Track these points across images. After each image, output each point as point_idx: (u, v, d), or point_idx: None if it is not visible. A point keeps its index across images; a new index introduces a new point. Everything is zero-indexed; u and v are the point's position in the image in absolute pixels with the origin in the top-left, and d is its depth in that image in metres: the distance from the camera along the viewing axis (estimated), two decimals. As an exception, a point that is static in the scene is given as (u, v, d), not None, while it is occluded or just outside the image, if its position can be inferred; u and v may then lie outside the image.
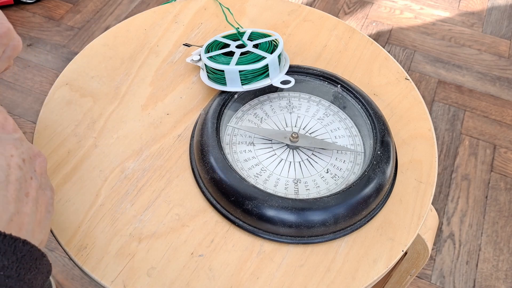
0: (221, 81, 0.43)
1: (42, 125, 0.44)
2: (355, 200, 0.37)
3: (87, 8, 1.39)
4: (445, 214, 1.06)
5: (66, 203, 0.39)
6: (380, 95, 0.48)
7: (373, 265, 0.37)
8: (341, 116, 0.45)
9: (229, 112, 0.43)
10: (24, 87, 1.26)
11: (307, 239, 0.37)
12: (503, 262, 0.99)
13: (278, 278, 0.36)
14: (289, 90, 0.46)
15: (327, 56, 0.51)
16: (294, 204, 0.36)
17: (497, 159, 1.16)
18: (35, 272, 0.27)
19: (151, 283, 0.35)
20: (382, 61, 0.51)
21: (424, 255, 0.44)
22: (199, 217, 0.39)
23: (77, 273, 0.96)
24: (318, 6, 1.49)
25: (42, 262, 0.27)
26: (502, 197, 1.09)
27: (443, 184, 1.11)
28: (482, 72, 1.34)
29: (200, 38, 0.52)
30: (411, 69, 1.34)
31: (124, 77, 0.48)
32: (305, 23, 0.55)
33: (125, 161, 0.42)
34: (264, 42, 0.44)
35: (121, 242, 0.37)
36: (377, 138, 0.40)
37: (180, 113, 0.45)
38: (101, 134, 0.43)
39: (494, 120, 1.23)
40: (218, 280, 0.36)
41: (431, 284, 0.96)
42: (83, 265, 0.36)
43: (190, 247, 0.37)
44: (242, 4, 0.56)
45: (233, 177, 0.37)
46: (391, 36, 1.42)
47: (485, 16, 1.50)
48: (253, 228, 0.37)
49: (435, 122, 1.22)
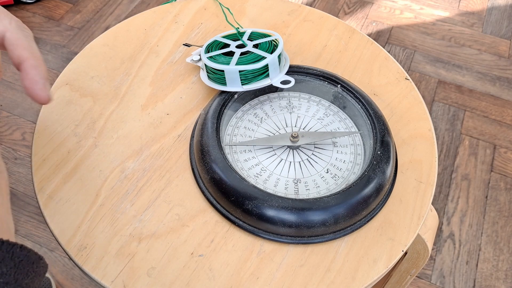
0: (221, 81, 0.43)
1: (42, 125, 0.44)
2: (355, 200, 0.37)
3: (87, 8, 1.39)
4: (445, 214, 1.06)
5: (66, 203, 0.39)
6: (380, 95, 0.48)
7: (373, 265, 0.37)
8: (341, 116, 0.45)
9: (229, 112, 0.43)
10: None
11: (307, 239, 0.37)
12: (503, 262, 0.99)
13: (278, 278, 0.36)
14: (289, 90, 0.46)
15: (327, 56, 0.51)
16: (294, 204, 0.36)
17: (497, 159, 1.16)
18: (32, 276, 0.27)
19: (151, 283, 0.35)
20: (382, 61, 0.51)
21: (424, 255, 0.44)
22: (199, 217, 0.39)
23: (77, 273, 0.96)
24: (318, 6, 1.49)
25: (39, 265, 0.27)
26: (502, 197, 1.09)
27: (443, 184, 1.11)
28: (482, 72, 1.34)
29: (200, 38, 0.52)
30: (411, 69, 1.34)
31: (124, 77, 0.48)
32: (305, 23, 0.55)
33: (125, 161, 0.42)
34: (264, 42, 0.44)
35: (121, 242, 0.37)
36: (377, 138, 0.40)
37: (180, 113, 0.45)
38: (101, 134, 0.43)
39: (494, 120, 1.23)
40: (218, 280, 0.36)
41: (431, 284, 0.96)
42: (83, 265, 0.36)
43: (190, 247, 0.37)
44: (242, 4, 0.56)
45: (233, 177, 0.37)
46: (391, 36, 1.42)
47: (485, 16, 1.50)
48: (253, 228, 0.37)
49: (435, 122, 1.22)
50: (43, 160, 0.41)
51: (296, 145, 0.42)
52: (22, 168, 1.11)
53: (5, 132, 1.17)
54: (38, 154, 0.41)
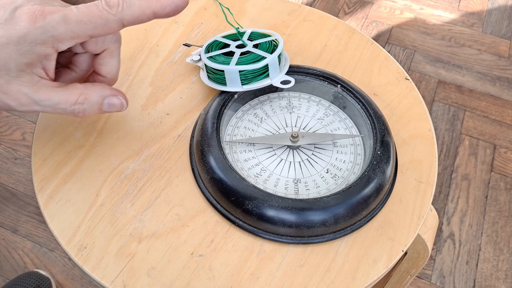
0: (221, 81, 0.43)
1: (42, 125, 0.44)
2: (355, 200, 0.37)
3: (87, 8, 1.39)
4: (445, 214, 1.06)
5: (66, 203, 0.39)
6: (380, 95, 0.48)
7: (373, 265, 0.37)
8: (341, 116, 0.45)
9: (229, 112, 0.43)
10: (24, 87, 1.25)
11: (307, 239, 0.37)
12: (503, 262, 0.99)
13: (278, 278, 0.36)
14: (289, 90, 0.46)
15: (327, 56, 0.51)
16: (294, 204, 0.36)
17: (497, 159, 1.16)
18: None
19: (151, 283, 0.35)
20: (382, 61, 0.51)
21: (424, 255, 0.44)
22: (199, 217, 0.39)
23: (77, 273, 0.96)
24: (318, 6, 1.49)
25: None
26: (502, 197, 1.09)
27: (443, 184, 1.11)
28: (482, 72, 1.34)
29: (200, 38, 0.52)
30: (411, 69, 1.34)
31: (124, 77, 0.48)
32: (305, 23, 0.55)
33: (125, 161, 0.42)
34: (264, 42, 0.44)
35: (121, 242, 0.37)
36: (377, 138, 0.40)
37: (180, 113, 0.45)
38: (101, 134, 0.43)
39: (494, 120, 1.23)
40: (218, 280, 0.36)
41: (431, 284, 0.96)
42: (83, 265, 0.36)
43: (190, 247, 0.37)
44: (242, 4, 0.56)
45: (233, 177, 0.37)
46: (391, 36, 1.42)
47: (485, 16, 1.50)
48: (253, 228, 0.37)
49: (435, 122, 1.22)
50: (43, 160, 0.41)
51: (296, 145, 0.42)
52: (22, 168, 1.11)
53: (5, 132, 1.17)
54: (38, 154, 0.41)
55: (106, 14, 0.31)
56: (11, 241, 1.00)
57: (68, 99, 0.34)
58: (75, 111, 0.34)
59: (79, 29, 0.31)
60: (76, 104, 0.34)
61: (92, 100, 0.35)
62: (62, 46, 0.32)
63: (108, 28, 0.32)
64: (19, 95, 0.32)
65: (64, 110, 0.34)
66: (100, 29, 0.32)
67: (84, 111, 0.35)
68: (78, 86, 0.35)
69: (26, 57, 0.31)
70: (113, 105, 0.36)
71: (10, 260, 0.97)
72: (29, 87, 0.32)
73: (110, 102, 0.36)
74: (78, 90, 0.34)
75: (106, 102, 0.36)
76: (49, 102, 0.33)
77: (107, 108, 0.36)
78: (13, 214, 1.04)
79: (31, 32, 0.30)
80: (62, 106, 0.34)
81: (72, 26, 0.31)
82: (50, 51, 0.32)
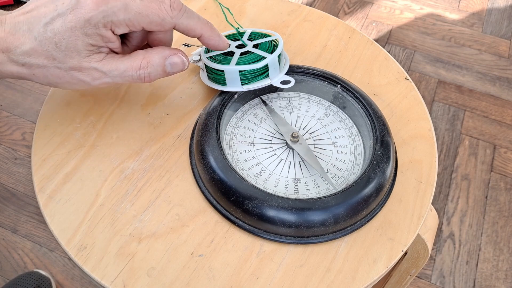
0: (221, 81, 0.43)
1: (42, 125, 0.44)
2: (355, 200, 0.37)
3: (87, 8, 1.39)
4: (445, 214, 1.06)
5: (66, 203, 0.39)
6: (380, 95, 0.48)
7: (373, 265, 0.37)
8: (341, 116, 0.45)
9: (229, 112, 0.43)
10: (24, 87, 1.26)
11: (307, 239, 0.37)
12: (503, 262, 1.00)
13: (278, 278, 0.36)
14: (289, 90, 0.46)
15: (327, 56, 0.51)
16: (294, 204, 0.36)
17: (497, 159, 1.16)
18: None
19: (151, 283, 0.35)
20: (382, 61, 0.51)
21: (424, 255, 0.44)
22: (199, 217, 0.39)
23: (77, 273, 0.96)
24: (318, 6, 1.49)
25: None
26: (502, 197, 1.09)
27: (443, 184, 1.11)
28: (482, 72, 1.34)
29: (200, 38, 0.52)
30: (411, 69, 1.34)
31: (124, 77, 0.48)
32: (305, 23, 0.55)
33: (125, 161, 0.42)
34: (264, 42, 0.44)
35: (121, 242, 0.37)
36: (377, 138, 0.40)
37: (180, 113, 0.45)
38: (101, 134, 0.43)
39: (494, 120, 1.23)
40: (218, 280, 0.36)
41: (431, 284, 0.96)
42: (83, 265, 0.36)
43: (190, 247, 0.37)
44: (242, 4, 0.56)
45: (233, 177, 0.37)
46: (391, 36, 1.42)
47: (485, 16, 1.50)
48: (253, 228, 0.37)
49: (435, 122, 1.22)
50: (43, 160, 0.41)
51: (291, 147, 0.42)
52: (22, 168, 1.11)
53: (5, 132, 1.17)
54: (38, 154, 0.41)
55: (165, 13, 0.35)
56: (11, 241, 1.00)
57: (133, 65, 0.37)
58: (141, 75, 0.37)
59: (135, 20, 0.35)
60: (140, 69, 0.37)
61: (154, 62, 0.37)
62: (118, 30, 0.35)
63: (160, 26, 0.36)
64: (91, 71, 0.36)
65: (131, 76, 0.37)
66: (154, 24, 0.36)
67: (149, 74, 0.37)
68: (139, 52, 0.38)
69: (91, 39, 0.35)
70: (175, 64, 0.38)
71: (10, 260, 0.97)
72: (98, 62, 0.36)
73: (171, 62, 0.38)
74: (140, 55, 0.37)
75: (168, 63, 0.38)
76: (117, 71, 0.36)
77: (170, 69, 0.38)
78: (13, 214, 1.04)
79: (94, 16, 0.34)
80: (129, 73, 0.37)
81: (131, 16, 0.34)
82: (110, 34, 0.35)
